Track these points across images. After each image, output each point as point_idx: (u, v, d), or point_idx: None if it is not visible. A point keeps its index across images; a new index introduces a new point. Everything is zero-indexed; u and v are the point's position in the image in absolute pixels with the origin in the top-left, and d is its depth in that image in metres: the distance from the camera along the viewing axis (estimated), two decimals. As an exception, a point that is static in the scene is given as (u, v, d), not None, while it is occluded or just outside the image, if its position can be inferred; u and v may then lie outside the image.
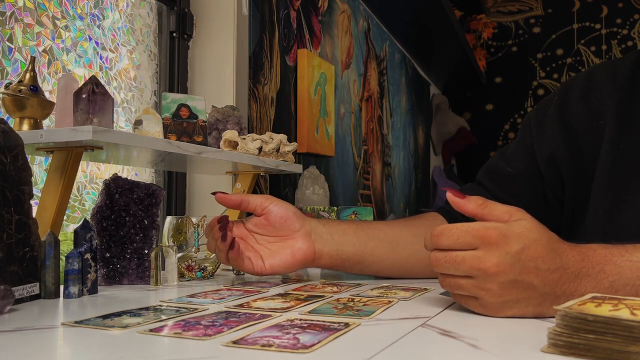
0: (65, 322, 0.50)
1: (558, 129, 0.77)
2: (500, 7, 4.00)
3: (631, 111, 0.72)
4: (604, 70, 0.78)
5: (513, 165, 0.81)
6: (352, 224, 0.77)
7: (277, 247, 0.73)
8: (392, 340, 0.42)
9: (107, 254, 0.75)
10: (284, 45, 1.70)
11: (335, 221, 0.77)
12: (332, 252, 0.73)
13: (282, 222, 0.72)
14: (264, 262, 0.71)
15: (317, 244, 0.72)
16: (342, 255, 0.74)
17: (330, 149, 1.95)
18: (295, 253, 0.72)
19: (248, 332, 0.44)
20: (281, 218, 0.72)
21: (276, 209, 0.73)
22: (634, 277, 0.50)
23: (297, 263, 0.72)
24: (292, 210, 0.73)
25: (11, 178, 0.59)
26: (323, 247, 0.73)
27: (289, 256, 0.72)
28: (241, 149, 1.07)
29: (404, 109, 3.05)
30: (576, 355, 0.37)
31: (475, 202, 0.53)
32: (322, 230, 0.74)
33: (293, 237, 0.72)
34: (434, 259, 0.52)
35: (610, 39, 3.69)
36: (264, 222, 0.73)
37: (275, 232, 0.73)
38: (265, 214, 0.73)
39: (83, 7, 1.16)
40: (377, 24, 2.60)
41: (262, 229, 0.73)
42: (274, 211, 0.72)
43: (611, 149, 0.71)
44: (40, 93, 0.80)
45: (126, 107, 1.27)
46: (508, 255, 0.49)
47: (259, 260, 0.71)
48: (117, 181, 0.77)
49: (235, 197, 0.73)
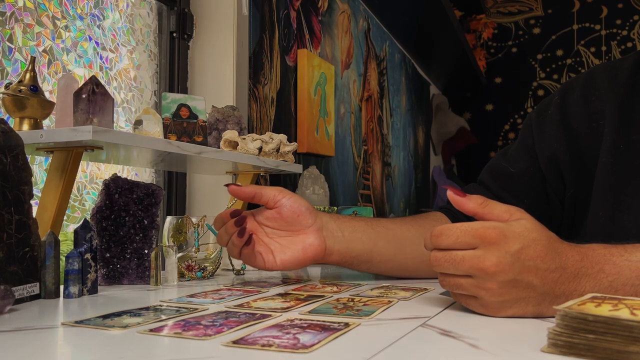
0: (65, 322, 0.50)
1: (558, 129, 0.77)
2: (500, 8, 4.00)
3: (630, 112, 0.72)
4: (603, 71, 0.78)
5: (515, 166, 0.81)
6: (362, 221, 0.75)
7: (288, 241, 0.71)
8: (392, 340, 0.42)
9: (107, 254, 0.75)
10: (284, 45, 1.70)
11: (345, 217, 0.76)
12: (343, 250, 0.72)
13: (294, 217, 0.71)
14: (274, 257, 0.70)
15: (328, 241, 0.71)
16: (351, 253, 0.73)
17: (330, 149, 1.95)
18: (307, 249, 0.70)
19: (248, 332, 0.44)
20: (294, 213, 0.71)
21: (289, 203, 0.71)
22: (633, 276, 0.50)
23: (308, 259, 0.70)
24: (305, 205, 0.72)
25: (11, 178, 0.59)
26: (334, 244, 0.72)
27: (301, 252, 0.70)
28: (241, 149, 1.07)
29: (404, 109, 3.05)
30: (576, 355, 0.37)
31: (475, 200, 0.53)
32: (333, 227, 0.72)
33: (305, 233, 0.71)
34: (434, 258, 0.52)
35: (610, 39, 3.69)
36: (276, 216, 0.71)
37: (286, 227, 0.71)
38: (278, 207, 0.71)
39: (83, 7, 1.16)
40: (377, 24, 2.60)
41: (273, 223, 0.71)
42: (287, 205, 0.71)
43: (611, 150, 0.71)
44: (40, 93, 0.80)
45: (126, 107, 1.27)
46: (507, 254, 0.49)
47: (270, 255, 0.70)
48: (116, 181, 0.77)
49: (249, 189, 0.71)
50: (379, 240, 0.74)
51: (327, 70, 1.94)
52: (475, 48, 3.95)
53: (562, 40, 3.82)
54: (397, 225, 0.77)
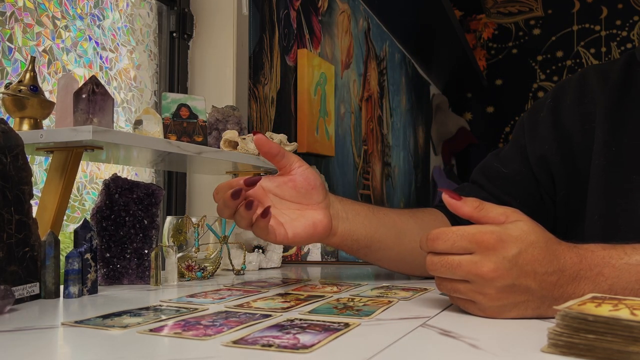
0: (66, 322, 0.50)
1: (550, 131, 0.77)
2: (500, 8, 4.00)
3: (622, 113, 0.72)
4: (595, 73, 0.78)
5: (508, 166, 0.81)
6: (364, 206, 0.74)
7: (298, 215, 0.66)
8: (392, 340, 0.42)
9: (107, 254, 0.75)
10: (284, 45, 1.70)
11: (348, 200, 0.73)
12: (345, 232, 0.70)
13: (308, 189, 0.66)
14: (285, 229, 0.65)
15: (334, 220, 0.69)
16: (353, 236, 0.70)
17: (330, 149, 1.95)
18: (317, 225, 0.66)
19: (248, 332, 0.44)
20: (309, 184, 0.66)
21: (306, 173, 0.67)
22: (633, 280, 0.49)
23: (317, 235, 0.67)
24: (320, 180, 0.68)
25: (11, 178, 0.59)
26: (338, 224, 0.69)
27: (311, 227, 0.66)
28: (241, 149, 1.07)
29: (404, 109, 3.05)
30: (576, 355, 0.37)
31: (471, 204, 0.53)
32: (338, 207, 0.70)
33: (314, 208, 0.67)
34: (430, 262, 0.52)
35: (609, 40, 3.69)
36: (289, 184, 0.66)
37: (297, 198, 0.67)
38: (294, 175, 0.66)
39: (83, 7, 1.16)
40: (377, 24, 2.60)
41: (284, 191, 0.67)
42: (304, 175, 0.66)
43: (603, 151, 0.71)
44: (40, 93, 0.80)
45: (126, 107, 1.27)
46: (505, 259, 0.48)
47: (281, 227, 0.65)
48: (116, 181, 0.77)
49: (276, 144, 0.66)
50: (380, 227, 0.72)
51: (327, 70, 1.94)
52: (475, 48, 3.96)
53: (562, 41, 3.82)
54: (396, 214, 0.76)
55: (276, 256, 1.02)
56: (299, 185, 0.66)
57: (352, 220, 0.71)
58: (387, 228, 0.73)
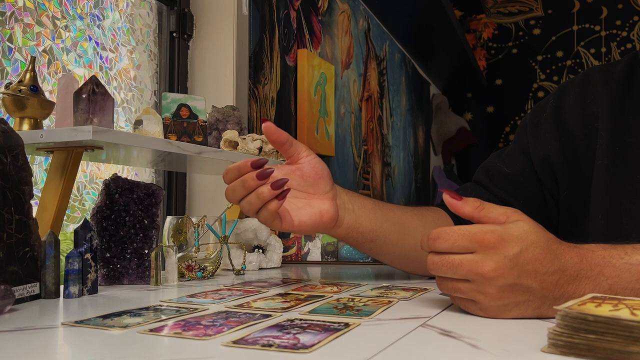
0: (66, 322, 0.50)
1: (553, 131, 0.77)
2: (500, 8, 4.00)
3: (625, 113, 0.72)
4: (598, 73, 0.78)
5: (510, 167, 0.81)
6: (370, 200, 0.73)
7: (304, 203, 0.66)
8: (392, 340, 0.42)
9: (107, 254, 0.75)
10: (284, 45, 1.70)
11: (354, 193, 0.73)
12: (351, 223, 0.70)
13: (315, 178, 0.66)
14: (291, 216, 0.65)
15: (340, 211, 0.68)
16: (358, 229, 0.70)
17: (330, 149, 1.95)
18: (323, 214, 0.66)
19: (248, 332, 0.44)
20: (316, 174, 0.66)
21: (314, 163, 0.67)
22: (633, 280, 0.49)
23: (323, 224, 0.67)
24: (327, 170, 0.68)
25: (11, 178, 0.59)
26: (344, 215, 0.69)
27: (317, 216, 0.66)
28: (241, 149, 1.07)
29: (404, 109, 3.05)
30: (576, 355, 0.37)
31: (471, 204, 0.53)
32: (345, 199, 0.70)
33: (320, 198, 0.67)
34: (431, 262, 0.52)
35: (609, 40, 3.69)
36: (297, 173, 0.66)
37: (304, 187, 0.67)
38: (301, 164, 0.66)
39: (83, 7, 1.16)
40: (377, 24, 2.60)
41: (291, 180, 0.65)
42: (312, 164, 0.66)
43: (606, 152, 0.71)
44: (40, 93, 0.80)
45: (126, 107, 1.27)
46: (506, 259, 0.48)
47: (287, 215, 0.64)
48: (117, 181, 0.77)
49: (284, 132, 0.66)
50: (385, 222, 0.72)
51: (327, 70, 1.94)
52: (475, 48, 3.96)
53: (562, 41, 3.82)
54: (401, 210, 0.76)
55: (276, 256, 1.02)
56: (306, 174, 0.66)
57: (358, 212, 0.70)
58: (391, 223, 0.73)
